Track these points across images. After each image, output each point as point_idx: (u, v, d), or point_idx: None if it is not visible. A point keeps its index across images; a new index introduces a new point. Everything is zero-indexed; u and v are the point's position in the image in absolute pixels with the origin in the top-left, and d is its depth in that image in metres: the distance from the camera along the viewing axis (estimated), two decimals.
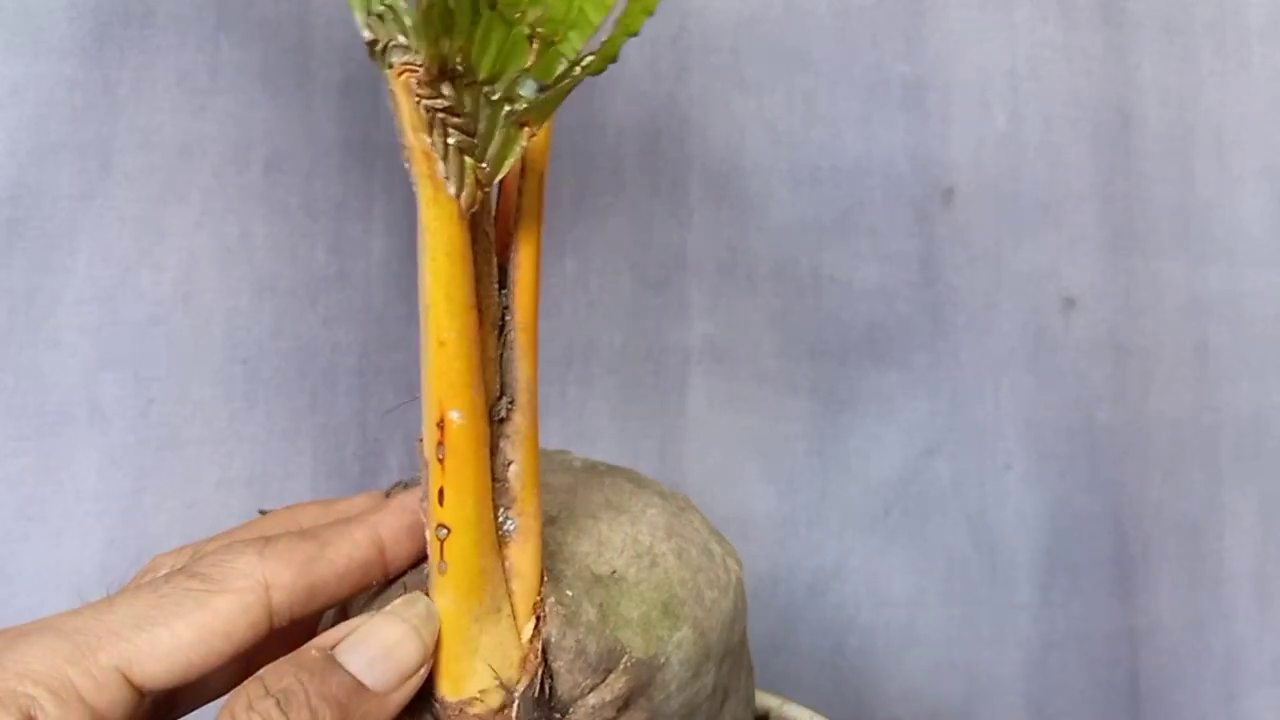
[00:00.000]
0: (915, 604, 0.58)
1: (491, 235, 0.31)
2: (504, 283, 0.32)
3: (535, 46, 0.28)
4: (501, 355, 0.32)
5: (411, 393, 0.46)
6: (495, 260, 0.32)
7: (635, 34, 0.27)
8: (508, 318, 0.32)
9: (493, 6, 0.27)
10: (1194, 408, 0.64)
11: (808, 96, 0.57)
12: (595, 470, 0.37)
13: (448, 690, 0.31)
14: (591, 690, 0.31)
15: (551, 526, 0.34)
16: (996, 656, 0.60)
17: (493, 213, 0.31)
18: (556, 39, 0.28)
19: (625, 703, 0.31)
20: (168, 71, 0.45)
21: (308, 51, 0.47)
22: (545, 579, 0.32)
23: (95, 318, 0.44)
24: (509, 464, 0.32)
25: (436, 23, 0.26)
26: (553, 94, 0.28)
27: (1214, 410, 0.64)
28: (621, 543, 0.34)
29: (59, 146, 0.43)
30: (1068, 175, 0.62)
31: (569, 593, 0.32)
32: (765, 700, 0.40)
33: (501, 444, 0.32)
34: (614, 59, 0.27)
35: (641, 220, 0.54)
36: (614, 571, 0.33)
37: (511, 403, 0.32)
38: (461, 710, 0.31)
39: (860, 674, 0.57)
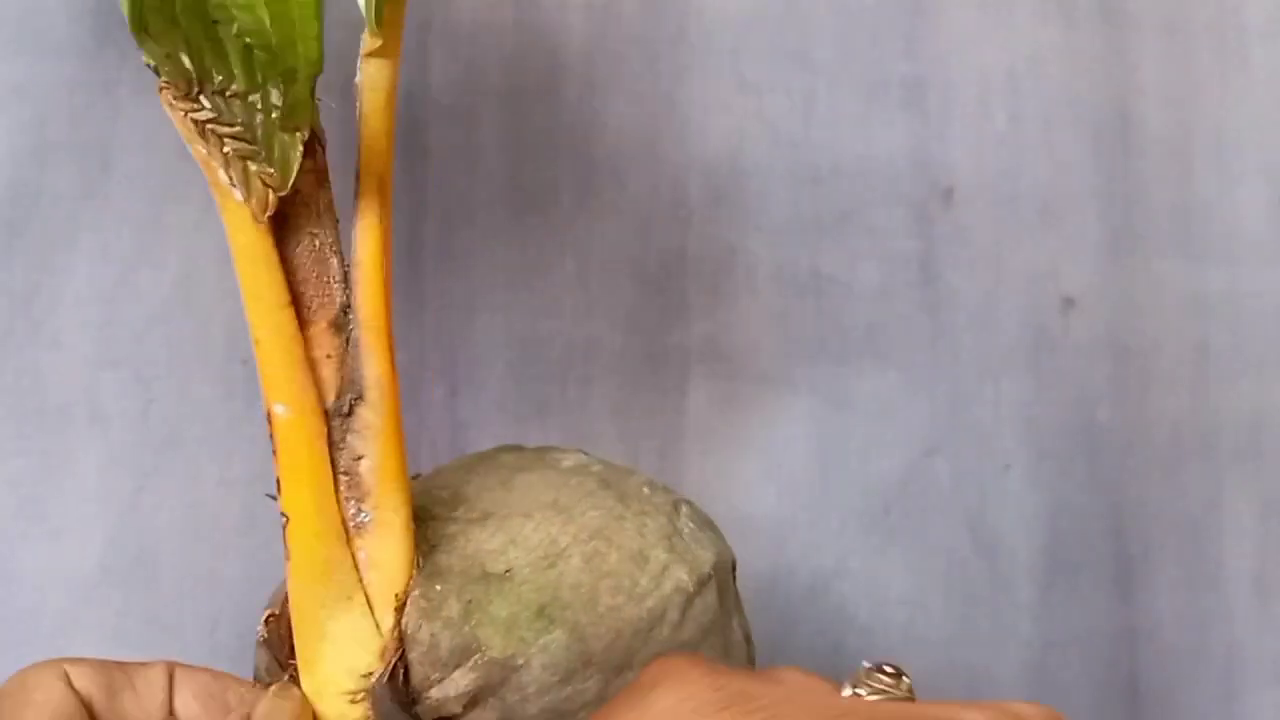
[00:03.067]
0: (915, 604, 0.58)
1: (322, 236, 0.32)
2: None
3: (262, 56, 0.28)
4: (347, 353, 0.32)
5: (412, 394, 0.46)
6: (335, 260, 0.32)
7: (316, 38, 0.28)
8: (351, 316, 0.32)
9: (213, 21, 0.28)
10: (1194, 408, 0.64)
11: (808, 96, 0.57)
12: (582, 471, 0.37)
13: (301, 671, 0.31)
14: (437, 684, 0.31)
15: (479, 523, 0.34)
16: (996, 656, 0.59)
17: (321, 214, 0.32)
18: (275, 48, 0.28)
19: (473, 700, 0.31)
20: None
21: None
22: (417, 571, 0.32)
23: (95, 318, 0.44)
24: (359, 458, 0.32)
25: (149, 32, 0.27)
26: (296, 97, 0.29)
27: (1214, 410, 0.64)
28: (537, 543, 0.34)
29: (59, 146, 0.43)
30: (1068, 175, 0.62)
31: (438, 587, 0.32)
32: None
33: (349, 439, 0.32)
34: (316, 62, 0.28)
35: (641, 220, 0.54)
36: (508, 570, 0.33)
37: (358, 399, 0.32)
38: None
39: None
